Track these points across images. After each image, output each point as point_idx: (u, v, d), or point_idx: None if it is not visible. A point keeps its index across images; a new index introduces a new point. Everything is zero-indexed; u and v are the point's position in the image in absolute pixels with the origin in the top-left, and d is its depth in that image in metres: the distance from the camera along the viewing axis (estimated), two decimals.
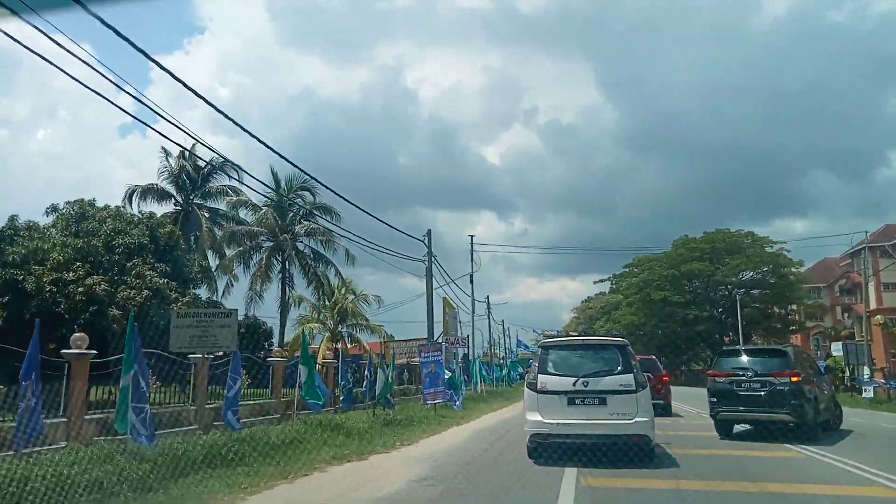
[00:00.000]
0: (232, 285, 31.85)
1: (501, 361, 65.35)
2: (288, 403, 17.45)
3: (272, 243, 27.12)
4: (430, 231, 33.56)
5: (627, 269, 74.89)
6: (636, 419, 9.05)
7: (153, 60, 9.39)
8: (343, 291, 37.53)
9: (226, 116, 11.22)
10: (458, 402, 21.08)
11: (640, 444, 9.10)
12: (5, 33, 7.27)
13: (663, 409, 18.28)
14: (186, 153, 34.96)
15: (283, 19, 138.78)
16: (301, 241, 28.77)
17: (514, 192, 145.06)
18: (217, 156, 41.07)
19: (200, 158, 36.47)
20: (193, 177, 39.16)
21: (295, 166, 22.70)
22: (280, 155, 13.70)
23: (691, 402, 28.93)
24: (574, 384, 9.22)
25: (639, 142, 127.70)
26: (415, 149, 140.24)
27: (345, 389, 14.95)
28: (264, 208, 27.94)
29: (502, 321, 75.62)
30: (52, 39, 7.63)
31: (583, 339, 10.81)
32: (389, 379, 17.57)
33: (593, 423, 9.09)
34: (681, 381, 79.52)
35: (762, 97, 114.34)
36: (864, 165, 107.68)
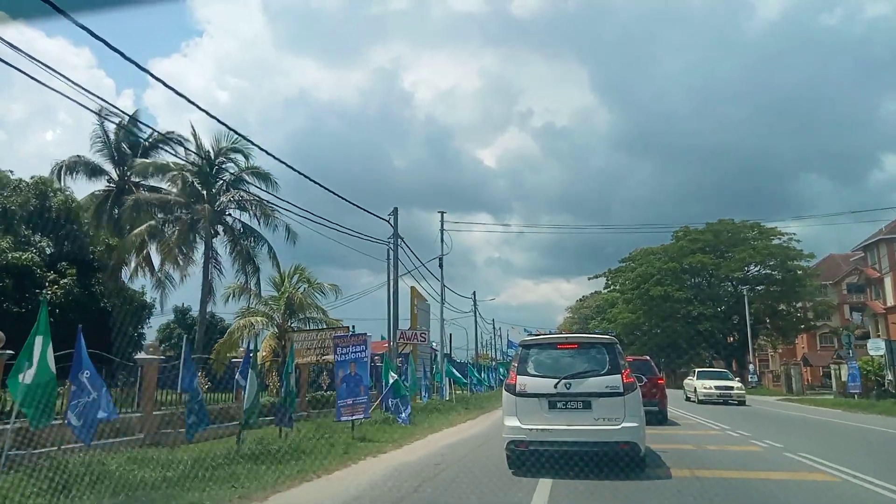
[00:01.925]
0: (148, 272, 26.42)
1: (493, 363, 61.05)
2: (162, 419, 12.26)
3: (189, 215, 21.80)
4: (395, 209, 28.69)
5: (624, 264, 69.66)
6: (624, 424, 8.20)
7: (144, 69, 9.29)
8: (295, 280, 32.35)
9: (209, 115, 10.50)
10: (403, 415, 16.04)
11: (628, 452, 8.26)
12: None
13: (658, 417, 16.38)
14: (124, 123, 29.85)
15: (279, 23, 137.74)
16: (230, 214, 23.54)
17: (509, 194, 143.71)
18: (155, 129, 36.22)
19: (136, 135, 31.23)
20: (132, 151, 34.15)
21: (222, 123, 17.51)
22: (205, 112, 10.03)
23: (688, 409, 25.30)
24: (555, 386, 8.43)
25: (633, 145, 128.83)
26: (411, 151, 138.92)
27: (192, 403, 9.59)
28: (177, 171, 22.64)
29: (492, 320, 71.04)
30: (30, 57, 7.61)
31: (566, 337, 9.67)
32: (291, 386, 12.35)
33: (576, 429, 8.27)
34: (679, 384, 74.80)
35: (755, 101, 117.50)
36: (857, 168, 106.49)
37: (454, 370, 27.79)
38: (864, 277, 64.20)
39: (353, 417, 12.36)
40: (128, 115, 29.13)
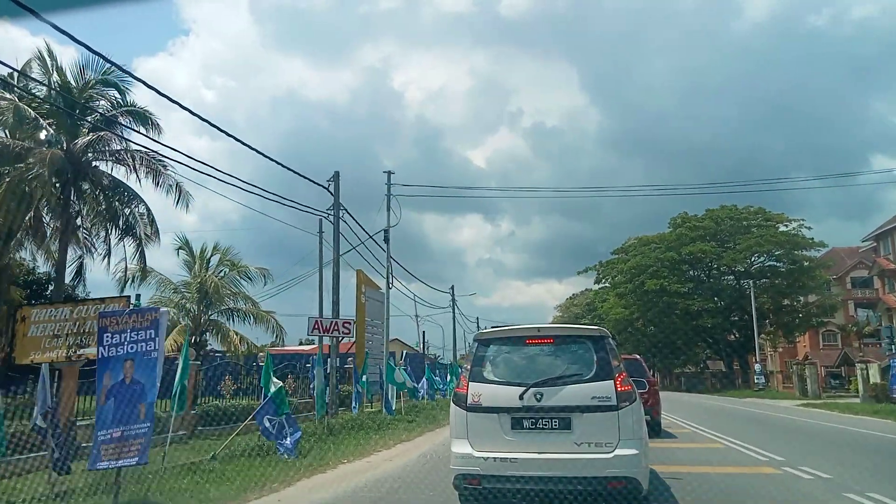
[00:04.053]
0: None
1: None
2: None
3: (29, 165, 16.03)
4: (337, 173, 23.34)
5: (616, 256, 64.29)
6: (617, 452, 5.90)
7: (123, 69, 9.17)
8: (215, 262, 26.63)
9: (182, 107, 9.90)
10: (287, 442, 10.52)
11: (624, 491, 5.86)
12: None
13: (650, 427, 12.68)
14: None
15: (266, 22, 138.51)
16: (97, 167, 17.78)
17: (500, 195, 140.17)
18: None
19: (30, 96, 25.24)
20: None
21: (95, 53, 11.71)
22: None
23: (685, 413, 22.05)
24: (522, 397, 6.09)
25: (623, 144, 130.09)
26: (401, 151, 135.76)
27: None
28: (8, 102, 16.85)
29: (476, 319, 65.59)
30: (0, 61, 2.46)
31: (539, 329, 6.88)
32: None
33: (550, 458, 5.98)
34: (674, 386, 69.57)
35: (744, 100, 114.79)
36: (846, 168, 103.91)
37: (405, 373, 22.07)
38: (876, 269, 58.97)
39: (120, 463, 6.60)
40: (15, 68, 23.18)
